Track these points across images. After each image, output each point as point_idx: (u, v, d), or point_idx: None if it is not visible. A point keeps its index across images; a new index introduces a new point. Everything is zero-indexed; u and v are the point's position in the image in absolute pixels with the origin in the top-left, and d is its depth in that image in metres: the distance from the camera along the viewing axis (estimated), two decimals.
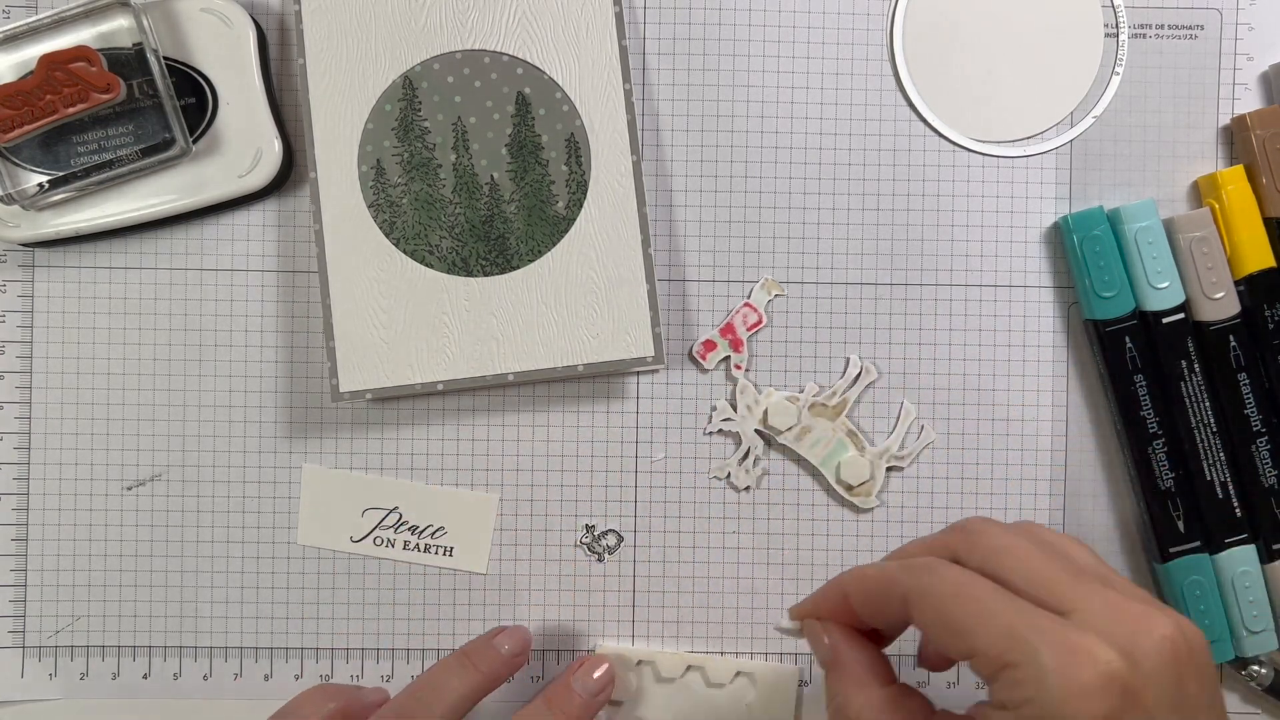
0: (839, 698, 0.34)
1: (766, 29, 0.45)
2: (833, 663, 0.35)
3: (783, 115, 0.45)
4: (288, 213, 0.45)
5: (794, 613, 0.37)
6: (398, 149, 0.42)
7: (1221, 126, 0.45)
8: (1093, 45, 0.45)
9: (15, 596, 0.45)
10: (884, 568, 0.34)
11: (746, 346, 0.45)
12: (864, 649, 0.35)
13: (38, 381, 0.45)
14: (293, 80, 0.44)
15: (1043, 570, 0.31)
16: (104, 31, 0.42)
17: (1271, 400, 0.44)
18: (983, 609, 0.31)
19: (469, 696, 0.40)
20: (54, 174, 0.42)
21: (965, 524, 0.34)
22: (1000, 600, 0.31)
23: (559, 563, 0.45)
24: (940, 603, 0.32)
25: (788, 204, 0.45)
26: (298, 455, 0.45)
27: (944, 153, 0.45)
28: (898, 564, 0.33)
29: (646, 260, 0.42)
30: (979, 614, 0.31)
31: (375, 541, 0.45)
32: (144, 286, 0.45)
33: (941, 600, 0.32)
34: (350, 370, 0.42)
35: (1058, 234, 0.45)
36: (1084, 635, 0.29)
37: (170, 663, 0.45)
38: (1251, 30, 0.45)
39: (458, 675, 0.40)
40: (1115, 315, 0.43)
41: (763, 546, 0.45)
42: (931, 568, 0.32)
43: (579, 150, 0.42)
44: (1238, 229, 0.43)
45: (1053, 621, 0.30)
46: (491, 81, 0.42)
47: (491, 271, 0.43)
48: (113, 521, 0.45)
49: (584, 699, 0.42)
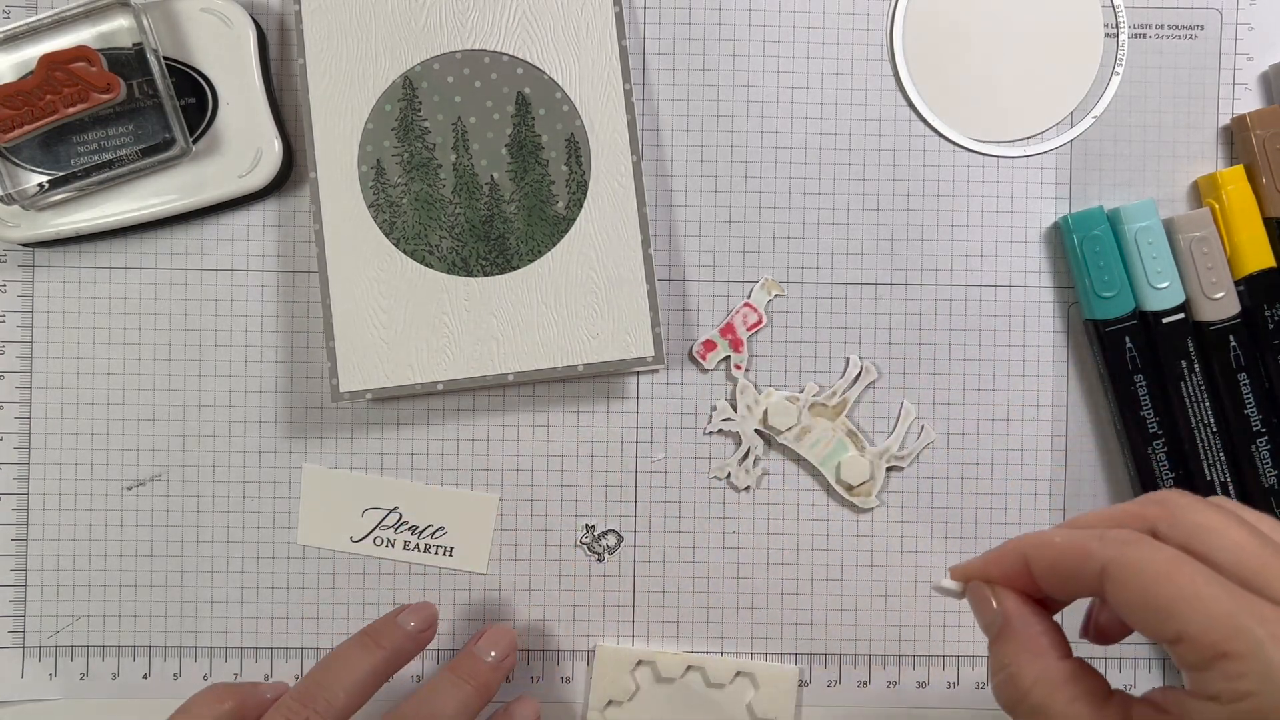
0: (1011, 667, 0.32)
1: (766, 29, 0.45)
2: (1004, 629, 0.33)
3: (783, 115, 0.45)
4: (288, 213, 0.45)
5: (957, 573, 0.34)
6: (398, 149, 0.42)
7: (1221, 126, 0.45)
8: (1093, 45, 0.45)
9: (15, 596, 0.45)
10: (1076, 535, 0.31)
11: (746, 346, 0.45)
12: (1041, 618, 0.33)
13: (38, 381, 0.45)
14: (293, 80, 0.44)
15: (1255, 553, 0.29)
16: (104, 31, 0.42)
17: (1271, 400, 0.44)
18: (1197, 591, 0.28)
19: (372, 675, 0.39)
20: (54, 174, 0.42)
21: (1163, 496, 0.31)
22: (1216, 584, 0.28)
23: (559, 563, 0.45)
24: (1146, 580, 0.29)
25: (788, 204, 0.45)
26: (298, 455, 0.45)
27: (944, 153, 0.45)
28: (1093, 533, 0.31)
29: (646, 260, 0.42)
30: (1193, 596, 0.28)
31: (375, 541, 0.45)
32: (144, 286, 0.45)
33: (1148, 577, 0.29)
34: (350, 370, 0.42)
35: (1058, 234, 0.45)
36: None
37: (170, 663, 0.45)
38: (1251, 30, 0.45)
39: (359, 654, 0.39)
40: (1115, 315, 0.43)
41: (763, 546, 0.45)
42: (1133, 541, 0.30)
43: (579, 150, 0.42)
44: (1238, 229, 0.43)
45: (1268, 607, 0.27)
46: (491, 81, 0.42)
47: (491, 271, 0.43)
48: (113, 521, 0.45)
49: (490, 664, 0.41)
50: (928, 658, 0.45)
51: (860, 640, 0.45)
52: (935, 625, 0.45)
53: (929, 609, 0.45)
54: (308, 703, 0.37)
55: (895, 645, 0.45)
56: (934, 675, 0.45)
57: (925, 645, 0.45)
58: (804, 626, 0.45)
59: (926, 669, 0.45)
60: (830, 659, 0.45)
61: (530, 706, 0.42)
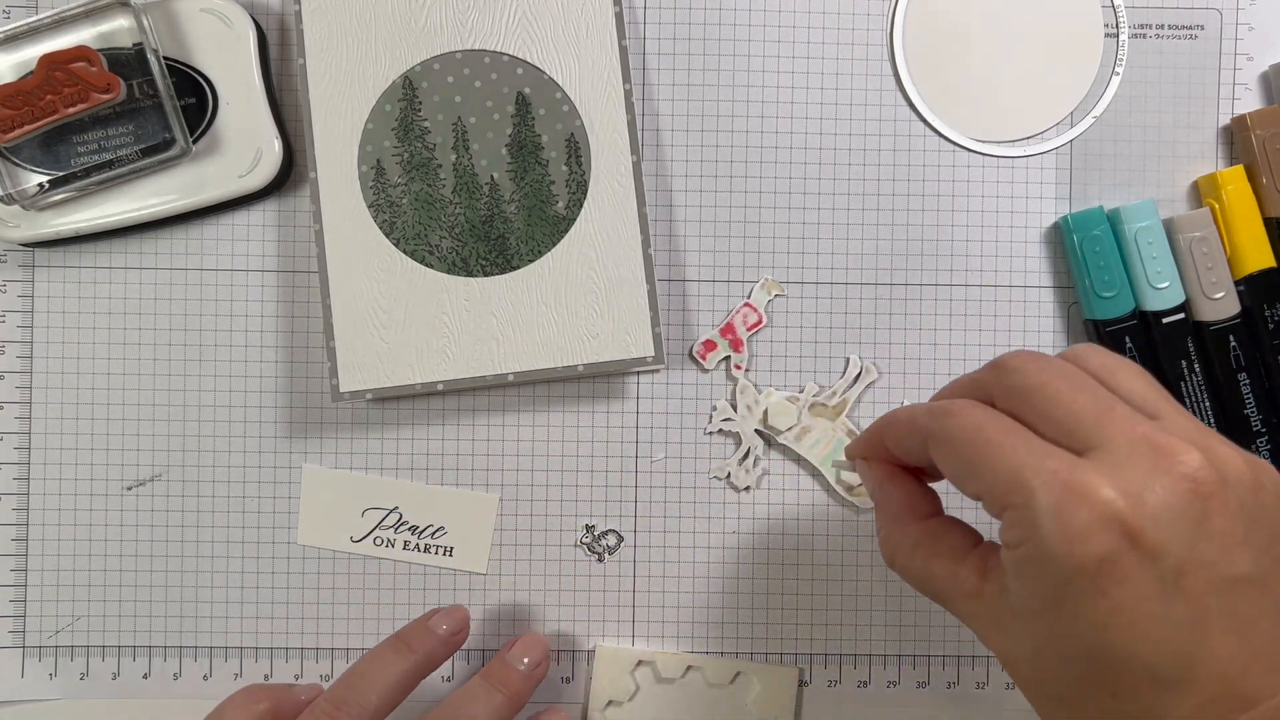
0: (880, 533, 0.35)
1: (766, 29, 0.45)
2: (876, 499, 0.36)
3: (783, 115, 0.45)
4: (288, 213, 0.45)
5: (847, 451, 0.37)
6: (398, 149, 0.42)
7: (1221, 126, 0.45)
8: (1093, 45, 0.45)
9: (15, 596, 0.45)
10: (912, 411, 0.34)
11: (746, 346, 0.45)
12: (903, 486, 0.35)
13: (38, 381, 0.45)
14: (293, 80, 0.44)
15: (1069, 407, 0.30)
16: (104, 31, 0.42)
17: (1271, 400, 0.44)
18: (993, 451, 0.30)
19: (405, 679, 0.39)
20: (54, 174, 0.42)
21: (1001, 361, 0.33)
22: (1013, 440, 0.30)
23: (559, 563, 0.45)
24: (955, 447, 0.31)
25: (788, 204, 0.45)
26: (298, 455, 0.45)
27: (944, 153, 0.45)
28: (925, 406, 0.33)
29: (646, 260, 0.42)
30: (989, 456, 0.30)
31: (375, 541, 0.45)
32: (144, 286, 0.45)
33: (956, 444, 0.31)
34: (350, 370, 0.42)
35: (1058, 234, 0.45)
36: (1087, 474, 0.28)
37: (170, 663, 0.45)
38: (1251, 30, 0.45)
39: (392, 658, 0.39)
40: (1115, 315, 0.43)
41: (763, 546, 0.45)
42: (952, 411, 0.32)
43: (579, 150, 0.42)
44: (1238, 229, 0.43)
45: (1061, 461, 0.29)
46: (491, 81, 0.42)
47: (491, 271, 0.43)
48: (113, 521, 0.45)
49: (522, 672, 0.41)
50: (928, 658, 0.45)
51: (860, 640, 0.45)
52: (935, 625, 0.45)
53: (929, 609, 0.45)
54: (341, 706, 0.38)
55: (895, 645, 0.45)
56: (934, 675, 0.45)
57: (925, 645, 0.45)
58: (804, 626, 0.45)
59: (926, 669, 0.45)
60: (830, 659, 0.45)
61: (560, 717, 0.42)
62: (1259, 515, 0.29)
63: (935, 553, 0.33)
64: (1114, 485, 0.28)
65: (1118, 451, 0.29)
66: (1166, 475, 0.28)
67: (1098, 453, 0.29)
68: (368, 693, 0.38)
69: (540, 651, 0.42)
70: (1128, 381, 0.31)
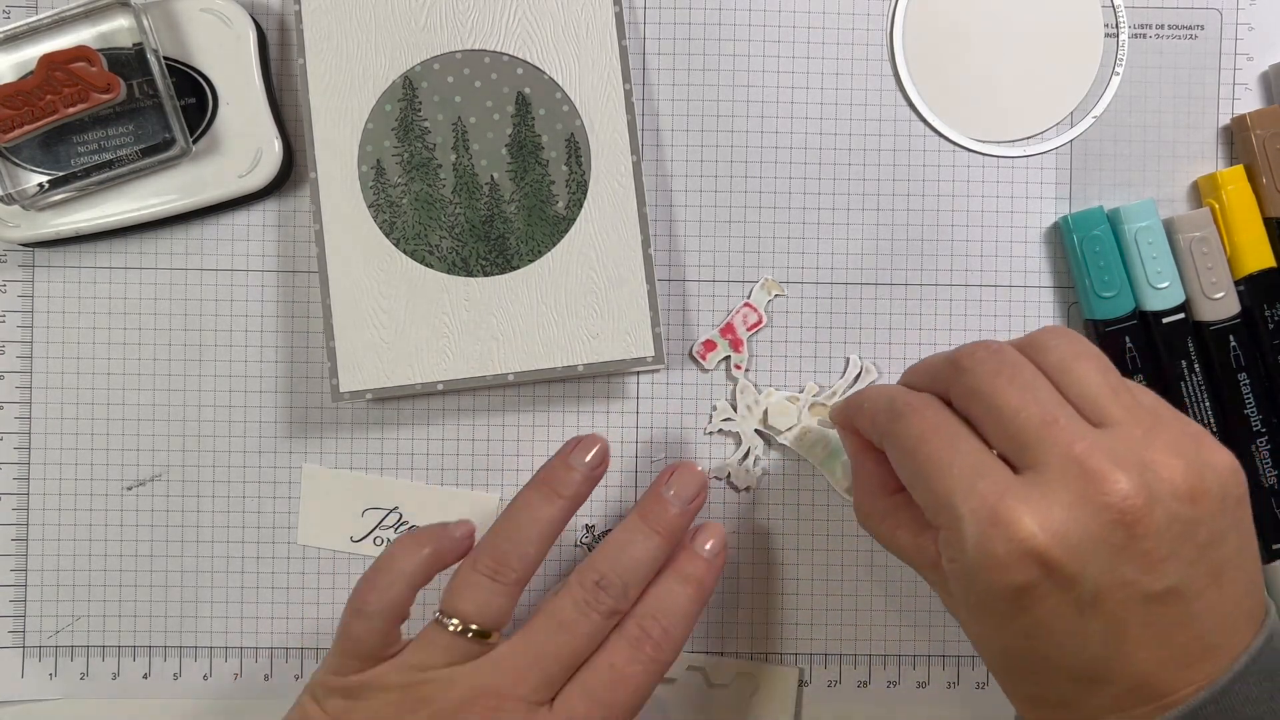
0: (854, 501, 0.39)
1: (766, 29, 0.45)
2: (853, 467, 0.39)
3: (783, 115, 0.45)
4: (288, 213, 0.45)
5: (830, 413, 0.40)
6: (398, 149, 0.42)
7: (1221, 126, 0.45)
8: (1093, 45, 0.45)
9: (15, 596, 0.45)
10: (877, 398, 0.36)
11: (746, 346, 0.45)
12: (874, 459, 0.37)
13: (38, 381, 0.45)
14: (293, 80, 0.44)
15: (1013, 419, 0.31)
16: (104, 31, 0.42)
17: (1271, 400, 0.44)
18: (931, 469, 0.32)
19: (556, 525, 0.38)
20: (54, 174, 0.42)
21: (958, 358, 0.34)
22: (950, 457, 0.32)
23: (559, 563, 0.45)
24: (902, 455, 0.34)
25: (788, 204, 0.45)
26: (298, 455, 0.45)
27: (944, 153, 0.45)
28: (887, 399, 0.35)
29: (646, 260, 0.42)
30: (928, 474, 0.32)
31: (375, 541, 0.45)
32: (144, 286, 0.45)
33: (903, 452, 0.33)
34: (351, 370, 0.42)
35: (1058, 234, 0.45)
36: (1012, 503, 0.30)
37: (170, 663, 0.45)
38: (1251, 30, 0.45)
39: (542, 505, 0.38)
40: (1115, 315, 0.43)
41: (763, 546, 0.45)
42: (904, 413, 0.34)
43: (579, 150, 0.42)
44: (1238, 229, 0.43)
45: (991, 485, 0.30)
46: (491, 81, 0.42)
47: (492, 271, 0.43)
48: (113, 521, 0.45)
49: (678, 509, 0.39)
50: (928, 658, 0.45)
51: (860, 640, 0.45)
52: (935, 625, 0.45)
53: (929, 609, 0.45)
54: (504, 561, 0.37)
55: (895, 645, 0.45)
56: (934, 675, 0.45)
57: (925, 645, 0.45)
58: (804, 626, 0.45)
59: (926, 669, 0.45)
60: (830, 659, 0.45)
61: (716, 531, 0.40)
62: (1192, 526, 0.30)
63: (900, 524, 0.35)
64: (1037, 517, 0.30)
65: (1050, 473, 0.30)
66: (1090, 504, 0.30)
67: (1032, 473, 0.31)
68: (526, 545, 0.37)
69: (697, 486, 0.40)
70: (1084, 376, 0.32)
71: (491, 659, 0.36)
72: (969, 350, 0.34)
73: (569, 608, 0.37)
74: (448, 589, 0.37)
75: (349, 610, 0.37)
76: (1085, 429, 0.31)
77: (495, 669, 0.36)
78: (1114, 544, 0.30)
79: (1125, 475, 0.30)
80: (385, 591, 0.37)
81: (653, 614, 0.37)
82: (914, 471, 0.33)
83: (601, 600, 0.37)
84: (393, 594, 0.37)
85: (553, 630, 0.37)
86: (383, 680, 0.36)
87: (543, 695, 0.36)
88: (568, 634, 0.36)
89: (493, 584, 0.37)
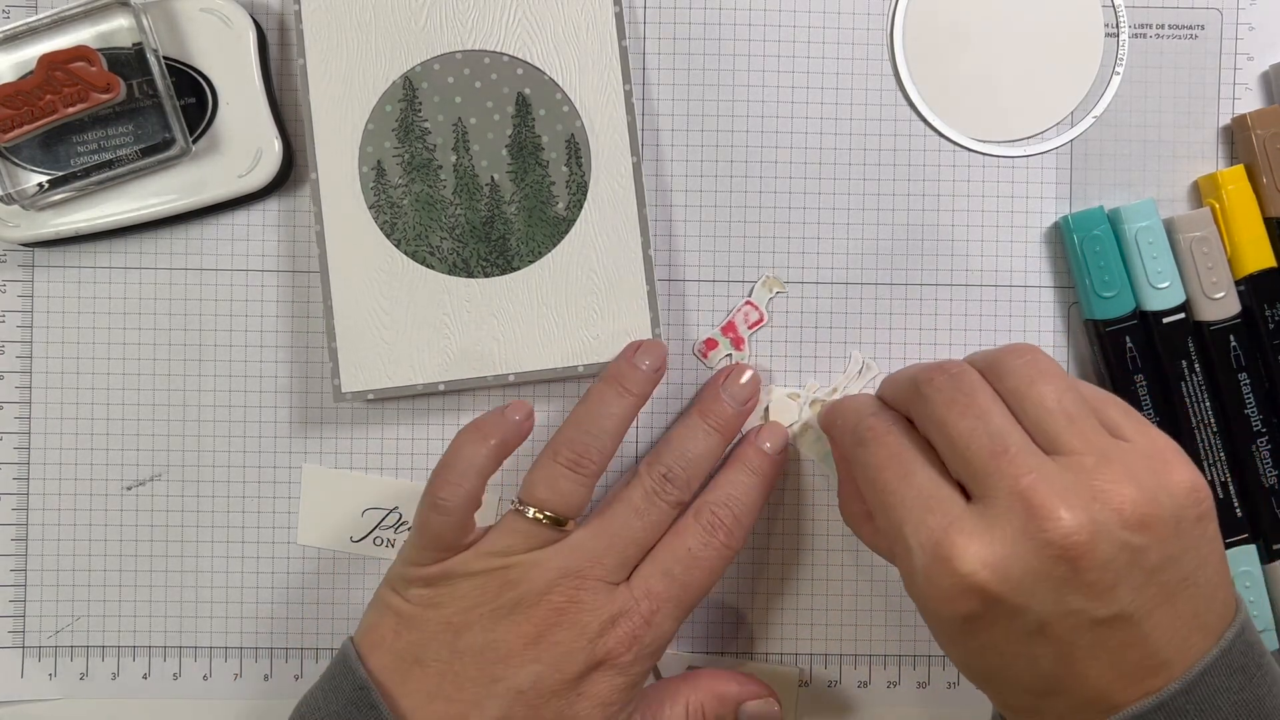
0: (839, 496, 0.42)
1: (766, 29, 0.45)
2: (838, 470, 0.42)
3: (783, 115, 0.45)
4: (288, 213, 0.45)
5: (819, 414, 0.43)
6: (398, 150, 0.42)
7: (1221, 126, 0.45)
8: (1093, 45, 0.45)
9: (15, 596, 0.45)
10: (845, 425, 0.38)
11: (748, 345, 0.45)
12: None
13: (38, 381, 0.45)
14: (293, 80, 0.44)
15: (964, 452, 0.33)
16: (104, 31, 0.42)
17: (1271, 400, 0.44)
18: (887, 499, 0.34)
19: (627, 420, 0.40)
20: (54, 174, 0.42)
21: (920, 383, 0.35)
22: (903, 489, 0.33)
23: None
24: (862, 481, 0.36)
25: (788, 204, 0.45)
26: (298, 455, 0.45)
27: (944, 153, 0.45)
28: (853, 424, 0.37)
29: (646, 261, 0.42)
30: (884, 503, 0.34)
31: (375, 541, 0.45)
32: (144, 286, 0.45)
33: (863, 479, 0.36)
34: (352, 371, 0.42)
35: (1058, 234, 0.45)
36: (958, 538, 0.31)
37: (170, 663, 0.45)
38: (1251, 30, 0.45)
39: (615, 401, 0.40)
40: (1115, 315, 0.43)
41: (762, 546, 0.45)
42: (867, 440, 0.36)
43: (579, 151, 0.42)
44: (1238, 229, 0.43)
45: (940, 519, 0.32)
46: (492, 82, 0.42)
47: (492, 272, 0.43)
48: (113, 521, 0.45)
49: (734, 409, 0.42)
50: (928, 658, 0.45)
51: (860, 640, 0.45)
52: None
53: None
54: (584, 452, 0.39)
55: (895, 645, 0.45)
56: (934, 675, 0.45)
57: (925, 645, 0.45)
58: (804, 626, 0.45)
59: (926, 669, 0.45)
60: (830, 659, 0.45)
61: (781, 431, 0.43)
62: (1141, 554, 0.31)
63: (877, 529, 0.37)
64: (980, 552, 0.31)
65: (997, 506, 0.31)
66: (1032, 540, 0.30)
67: (981, 504, 0.32)
68: (603, 438, 0.39)
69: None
70: (1040, 400, 0.33)
71: (570, 543, 0.39)
72: (928, 375, 0.35)
73: (639, 497, 0.40)
74: (528, 479, 0.40)
75: (425, 505, 0.39)
76: (1035, 459, 0.32)
77: (575, 552, 0.38)
78: (1057, 577, 0.30)
79: (1069, 510, 0.30)
80: (459, 485, 0.38)
81: (724, 502, 0.40)
82: (872, 498, 0.35)
83: (669, 491, 0.40)
84: (466, 486, 0.38)
85: (627, 516, 0.39)
86: (466, 567, 0.38)
87: (619, 576, 0.39)
88: (640, 520, 0.39)
89: (573, 474, 0.39)
